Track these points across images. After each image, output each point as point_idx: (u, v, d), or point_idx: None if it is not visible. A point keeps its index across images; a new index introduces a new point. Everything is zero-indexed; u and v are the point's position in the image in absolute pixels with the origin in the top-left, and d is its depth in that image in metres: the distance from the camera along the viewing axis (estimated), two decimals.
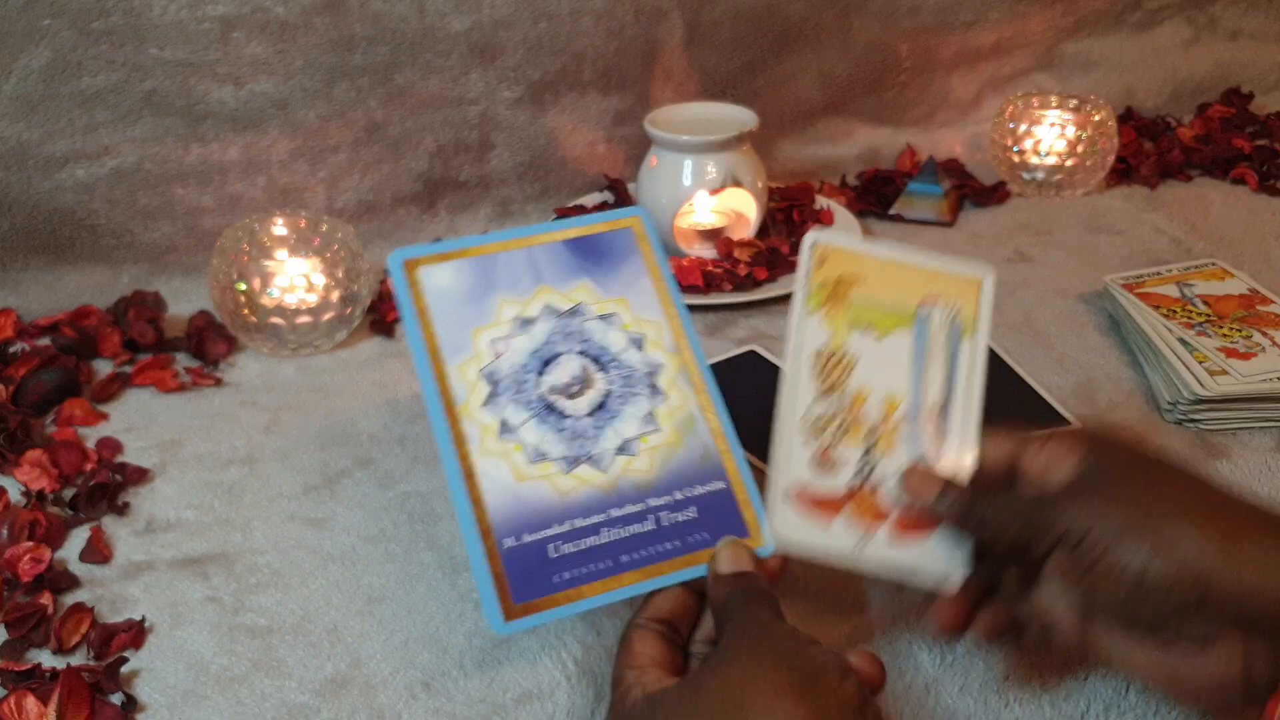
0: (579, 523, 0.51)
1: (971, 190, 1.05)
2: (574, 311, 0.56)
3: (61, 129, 0.83)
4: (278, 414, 0.76)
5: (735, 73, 1.04)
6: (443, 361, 0.53)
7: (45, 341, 0.82)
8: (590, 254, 0.57)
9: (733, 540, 0.52)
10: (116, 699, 0.54)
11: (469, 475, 0.51)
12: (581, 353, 0.55)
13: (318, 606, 0.60)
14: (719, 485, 0.53)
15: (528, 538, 0.50)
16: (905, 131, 1.13)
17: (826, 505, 0.52)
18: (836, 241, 0.56)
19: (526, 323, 0.55)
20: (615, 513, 0.51)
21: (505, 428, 0.52)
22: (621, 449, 0.53)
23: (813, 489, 0.52)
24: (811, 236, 0.56)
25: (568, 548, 0.50)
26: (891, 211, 1.02)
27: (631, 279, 0.57)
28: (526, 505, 0.50)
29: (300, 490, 0.68)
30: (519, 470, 0.51)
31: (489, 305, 0.55)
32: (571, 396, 0.54)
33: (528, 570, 0.49)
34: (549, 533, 0.50)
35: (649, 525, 0.51)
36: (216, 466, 0.71)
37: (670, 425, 0.54)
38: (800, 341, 0.54)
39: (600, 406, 0.54)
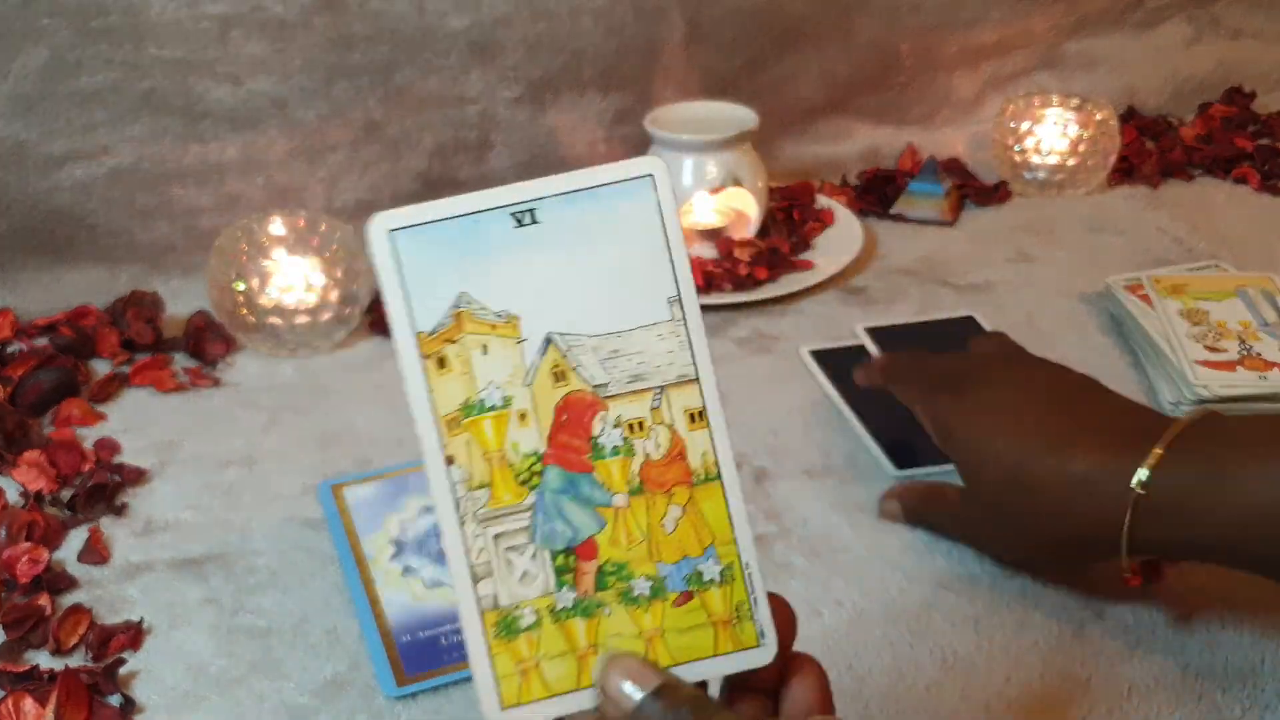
0: None
1: (973, 190, 1.05)
2: None
3: (59, 128, 0.83)
4: (276, 414, 0.75)
5: (736, 72, 1.04)
6: (357, 536, 0.64)
7: (43, 341, 0.81)
8: None
9: (611, 655, 0.37)
10: (115, 700, 0.54)
11: (374, 601, 0.59)
12: None
13: (316, 608, 0.60)
14: None
15: (422, 634, 0.58)
16: (906, 131, 1.13)
17: None
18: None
19: (430, 509, 0.63)
20: None
21: (407, 570, 0.61)
22: None
23: None
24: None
25: (457, 638, 0.57)
26: (892, 211, 1.02)
27: None
28: (422, 615, 0.59)
29: (299, 491, 0.68)
30: (417, 594, 0.60)
31: (400, 502, 0.66)
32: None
33: (419, 654, 0.57)
34: (441, 629, 0.58)
35: None
36: (215, 467, 0.70)
37: None
38: None
39: None
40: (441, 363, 0.37)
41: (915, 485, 0.66)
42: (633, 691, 0.36)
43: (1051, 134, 1.03)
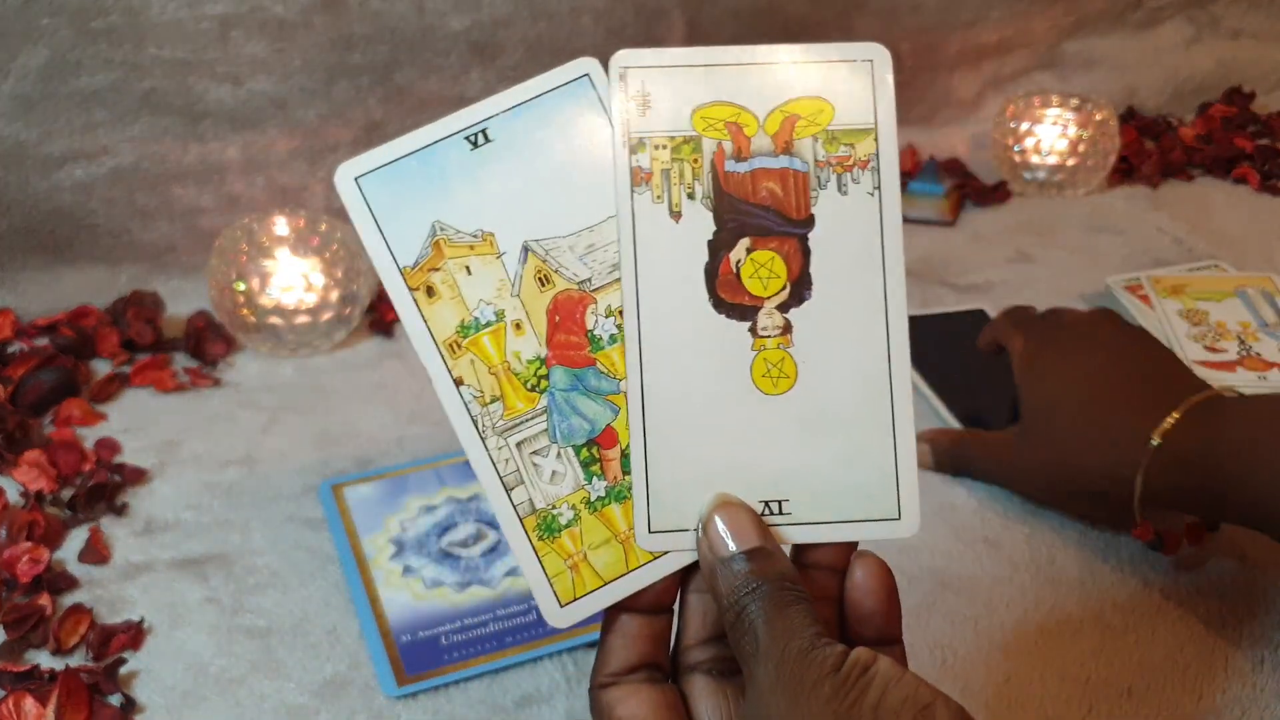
0: (469, 620, 0.58)
1: (973, 190, 1.05)
2: (471, 498, 0.66)
3: (60, 128, 0.83)
4: (276, 414, 0.75)
5: None
6: (357, 536, 0.64)
7: (43, 341, 0.81)
8: None
9: (727, 500, 0.37)
10: (115, 700, 0.54)
11: (374, 601, 0.59)
12: (476, 520, 0.65)
13: (317, 608, 0.60)
14: None
15: (422, 634, 0.58)
16: (906, 130, 1.13)
17: None
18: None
19: (430, 509, 0.66)
20: (501, 612, 0.59)
21: (407, 570, 0.62)
22: (510, 573, 0.61)
23: None
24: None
25: (458, 637, 0.57)
26: None
27: None
28: (422, 614, 0.59)
29: (299, 491, 0.68)
30: (417, 594, 0.60)
31: (400, 501, 0.66)
32: (466, 546, 0.63)
33: (420, 654, 0.57)
34: (441, 629, 0.58)
35: (531, 616, 0.58)
36: (215, 467, 0.70)
37: None
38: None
39: (491, 550, 0.63)
40: (430, 291, 0.38)
41: (947, 430, 0.70)
42: (730, 543, 0.36)
43: (1051, 134, 1.03)
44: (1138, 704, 0.53)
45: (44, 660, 0.57)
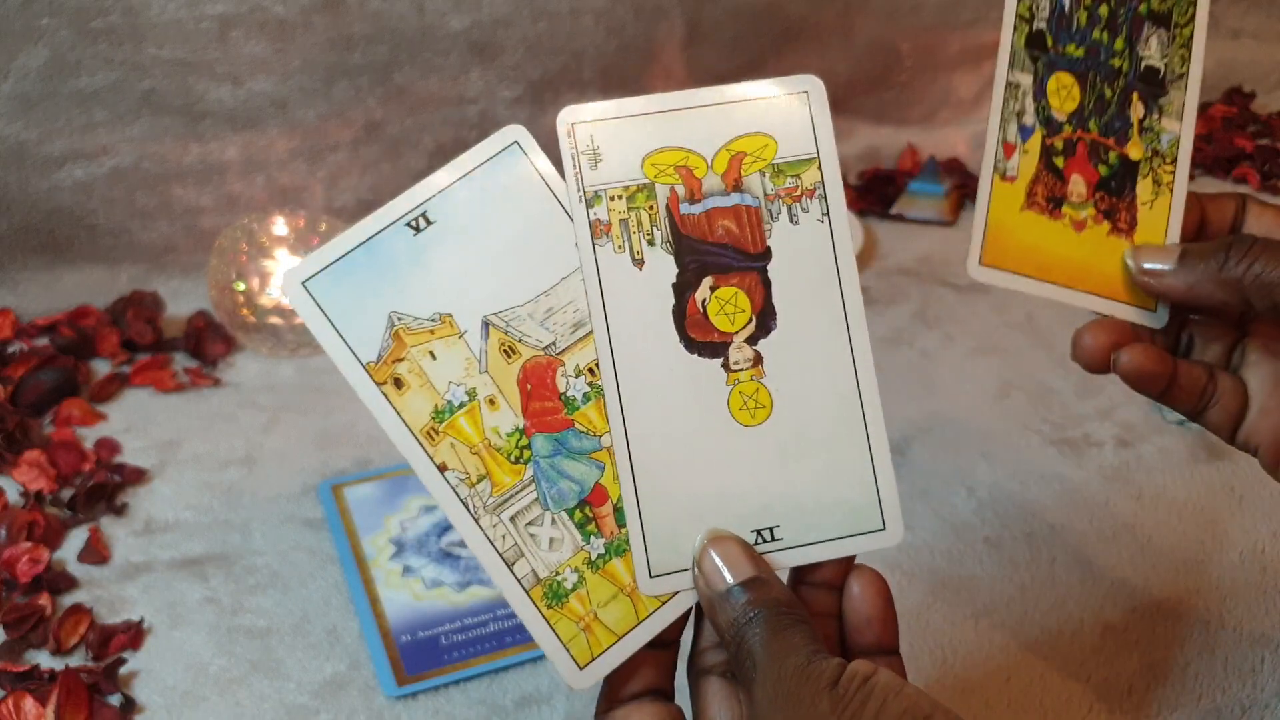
0: (469, 620, 0.59)
1: (973, 190, 1.05)
2: None
3: (59, 128, 0.83)
4: (276, 414, 0.75)
5: (736, 72, 1.04)
6: (357, 536, 0.64)
7: (43, 341, 0.81)
8: None
9: (719, 534, 0.38)
10: (115, 700, 0.54)
11: (374, 601, 0.59)
12: None
13: (317, 608, 0.60)
14: None
15: (422, 634, 0.58)
16: (906, 130, 1.13)
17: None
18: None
19: (430, 509, 0.66)
20: (501, 612, 0.59)
21: (407, 570, 0.62)
22: None
23: None
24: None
25: (458, 637, 0.58)
26: (892, 211, 1.02)
27: None
28: (422, 614, 0.59)
29: (299, 491, 0.68)
30: (417, 594, 0.60)
31: (400, 501, 0.67)
32: (466, 546, 0.59)
33: (420, 654, 0.57)
34: (441, 629, 0.58)
35: None
36: (215, 467, 0.70)
37: None
38: None
39: None
40: (398, 383, 0.38)
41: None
42: (726, 575, 0.37)
43: None
44: (1138, 704, 0.54)
45: (44, 660, 0.57)
